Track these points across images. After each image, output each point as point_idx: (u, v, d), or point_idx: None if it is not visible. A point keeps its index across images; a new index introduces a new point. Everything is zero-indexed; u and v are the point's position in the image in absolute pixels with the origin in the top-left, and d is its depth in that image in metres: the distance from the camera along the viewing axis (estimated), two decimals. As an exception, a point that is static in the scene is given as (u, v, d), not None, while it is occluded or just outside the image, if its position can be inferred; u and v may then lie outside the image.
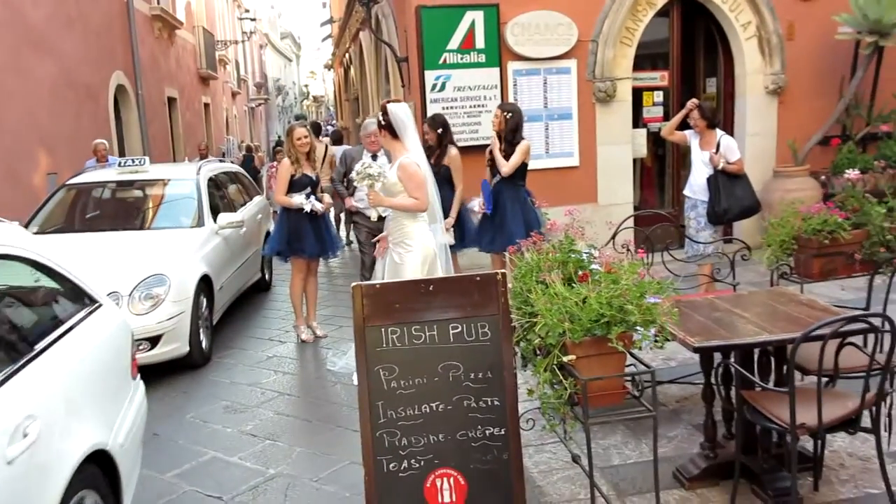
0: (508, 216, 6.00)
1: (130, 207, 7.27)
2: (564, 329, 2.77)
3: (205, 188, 6.95)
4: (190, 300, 5.63)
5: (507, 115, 5.94)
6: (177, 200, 7.02)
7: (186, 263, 5.90)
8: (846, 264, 6.80)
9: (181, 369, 5.65)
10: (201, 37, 19.90)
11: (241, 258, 7.32)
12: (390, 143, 4.71)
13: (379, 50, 11.03)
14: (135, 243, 6.19)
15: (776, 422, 3.00)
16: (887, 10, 8.03)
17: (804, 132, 8.75)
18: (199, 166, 7.43)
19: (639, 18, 8.28)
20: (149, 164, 7.40)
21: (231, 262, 6.98)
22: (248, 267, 7.62)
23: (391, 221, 4.73)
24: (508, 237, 5.86)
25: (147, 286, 5.40)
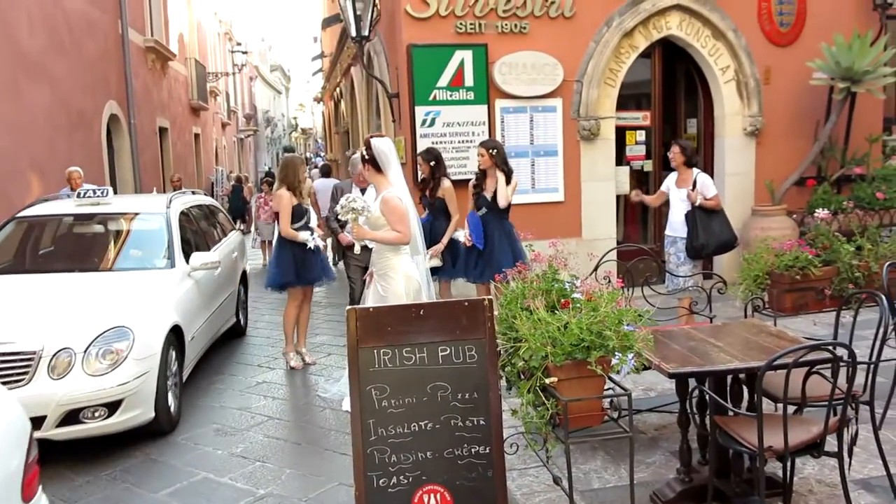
0: (496, 248, 6.20)
1: (90, 245, 6.33)
2: (547, 352, 2.94)
3: (176, 224, 6.21)
4: (157, 356, 4.83)
5: (492, 152, 6.16)
6: (144, 237, 6.29)
7: (154, 313, 5.12)
8: (817, 299, 7.09)
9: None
10: (193, 68, 20.18)
11: (215, 302, 6.57)
12: (374, 177, 4.84)
13: (370, 85, 11.30)
14: (94, 288, 5.37)
15: (745, 445, 3.17)
16: (858, 58, 8.39)
17: (781, 173, 9.06)
18: (170, 199, 6.64)
19: (622, 60, 8.59)
20: (112, 195, 6.59)
21: (205, 308, 6.20)
22: (222, 312, 6.86)
23: (375, 254, 4.86)
24: (497, 268, 6.06)
25: (106, 341, 4.58)
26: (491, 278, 6.11)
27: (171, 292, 5.55)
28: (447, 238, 6.48)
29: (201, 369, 6.31)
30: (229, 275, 7.20)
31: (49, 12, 10.01)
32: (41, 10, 9.72)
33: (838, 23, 9.00)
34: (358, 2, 7.96)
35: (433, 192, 6.47)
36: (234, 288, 7.41)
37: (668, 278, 6.37)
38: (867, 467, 3.95)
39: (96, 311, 4.86)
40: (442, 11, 7.88)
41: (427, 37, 7.87)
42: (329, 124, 22.08)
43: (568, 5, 8.24)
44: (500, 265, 5.98)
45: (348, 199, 4.68)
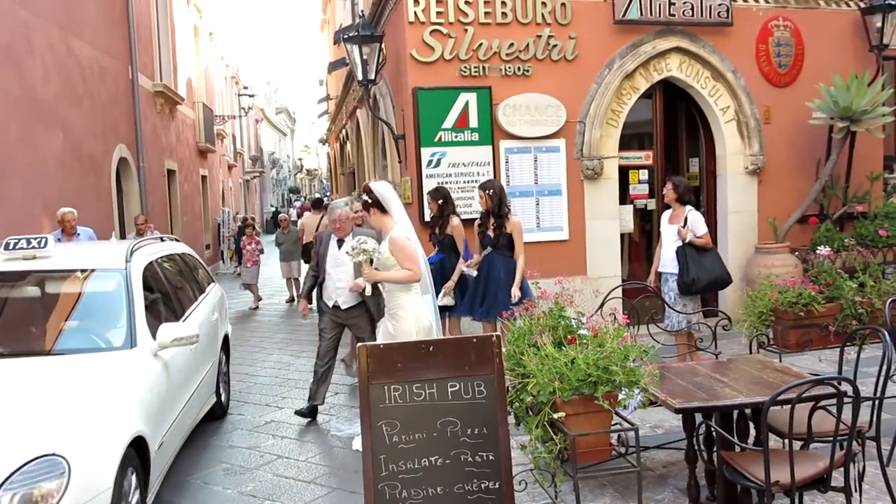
0: (501, 287, 6.26)
1: (18, 317, 4.72)
2: (555, 387, 2.99)
3: (138, 284, 4.65)
4: (107, 494, 3.24)
5: (489, 193, 6.31)
6: (94, 305, 4.70)
7: (104, 424, 3.51)
8: (821, 336, 7.11)
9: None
10: (201, 112, 20.47)
11: (190, 386, 5.03)
12: (380, 220, 4.92)
13: (376, 127, 11.49)
14: (15, 386, 3.76)
15: (752, 480, 3.20)
16: (856, 98, 8.54)
17: (783, 210, 9.15)
18: (131, 249, 4.94)
19: (623, 101, 8.74)
20: (53, 244, 4.80)
21: (177, 399, 4.63)
22: (199, 395, 5.33)
23: (386, 294, 4.90)
24: (502, 306, 6.12)
25: (27, 480, 3.01)
26: (496, 316, 6.19)
27: (131, 385, 3.96)
28: (457, 275, 6.57)
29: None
30: (209, 343, 5.76)
31: (62, 61, 10.24)
32: (55, 58, 9.95)
33: (836, 63, 9.17)
34: (364, 47, 8.16)
35: (442, 230, 6.61)
36: (215, 359, 6.03)
37: (666, 315, 6.41)
38: (878, 503, 3.95)
39: (13, 431, 3.24)
40: (446, 55, 8.06)
41: (432, 80, 8.04)
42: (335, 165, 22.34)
43: (570, 49, 8.42)
44: (505, 304, 6.07)
45: (359, 241, 4.78)
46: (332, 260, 5.93)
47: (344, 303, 5.93)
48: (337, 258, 5.87)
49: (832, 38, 9.48)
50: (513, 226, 6.31)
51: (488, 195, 6.32)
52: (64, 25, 10.31)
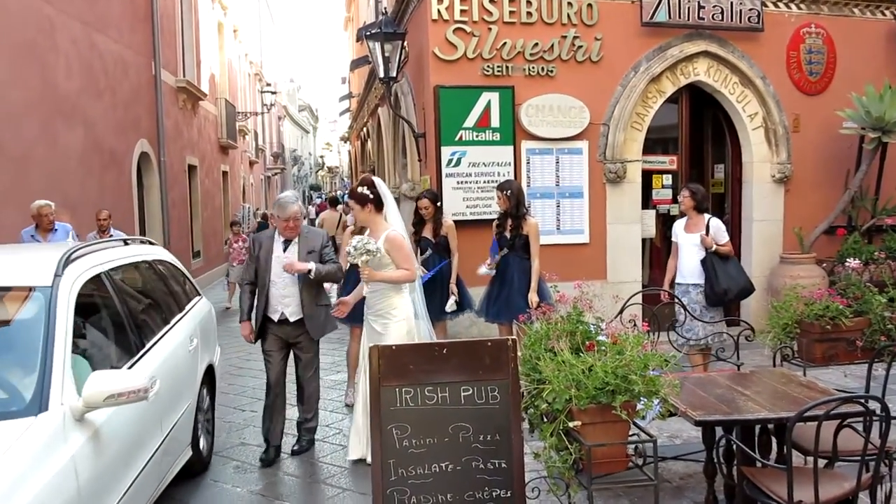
0: (516, 288, 6.17)
1: None
2: (571, 395, 2.89)
3: (67, 309, 3.22)
4: None
5: (507, 194, 6.24)
6: None
7: None
8: (847, 351, 6.88)
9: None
10: (223, 108, 20.54)
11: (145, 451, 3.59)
12: (373, 217, 4.80)
13: (397, 125, 11.42)
14: None
15: (774, 498, 3.08)
16: (889, 108, 8.34)
17: (810, 221, 8.96)
18: (65, 257, 3.50)
19: (649, 105, 8.61)
20: None
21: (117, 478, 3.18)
22: (162, 458, 3.88)
23: (374, 294, 4.78)
24: (514, 309, 5.95)
25: None
26: (508, 319, 6.08)
27: (28, 482, 2.49)
28: (455, 276, 6.52)
29: (220, 402, 6.26)
30: (182, 382, 4.39)
31: (85, 55, 10.27)
32: (78, 53, 9.98)
33: (869, 73, 8.97)
34: (386, 44, 8.08)
35: (437, 231, 6.53)
36: (192, 400, 4.58)
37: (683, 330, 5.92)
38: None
39: None
40: (469, 54, 7.97)
41: (454, 79, 7.96)
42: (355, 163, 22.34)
43: (595, 50, 8.30)
44: (518, 306, 5.94)
45: (361, 241, 4.62)
46: (278, 264, 5.08)
47: (292, 314, 5.11)
48: (284, 262, 5.06)
49: (866, 46, 9.28)
50: (529, 227, 6.23)
51: (506, 196, 6.25)
52: (87, 21, 10.34)
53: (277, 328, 5.14)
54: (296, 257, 5.05)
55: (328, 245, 5.22)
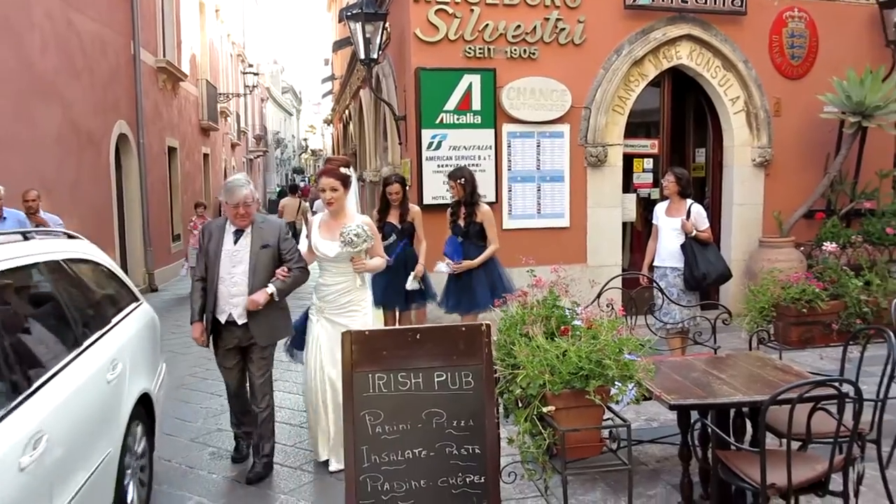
0: (474, 278, 5.99)
1: None
2: (545, 380, 2.88)
3: None
4: None
5: (461, 182, 6.02)
6: None
7: None
8: (823, 333, 6.99)
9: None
10: (204, 89, 20.28)
11: None
12: (344, 202, 4.57)
13: (378, 108, 11.34)
14: None
15: (748, 481, 3.09)
16: (869, 93, 8.36)
17: (790, 204, 9.00)
18: None
19: (631, 88, 8.58)
20: None
21: None
22: None
23: (336, 288, 4.50)
24: (473, 299, 5.93)
25: None
26: (468, 310, 5.96)
27: None
28: (423, 257, 6.27)
29: (198, 388, 6.21)
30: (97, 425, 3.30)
31: (62, 33, 10.08)
32: (55, 30, 9.78)
33: (850, 57, 8.98)
34: (368, 25, 8.00)
35: (403, 216, 6.33)
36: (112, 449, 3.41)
37: (661, 314, 6.00)
38: (874, 510, 3.84)
39: None
40: (451, 36, 7.89)
41: (436, 60, 7.88)
42: (338, 146, 22.19)
43: (578, 33, 8.25)
44: (477, 296, 5.88)
45: (360, 228, 4.36)
46: (228, 258, 4.42)
47: (241, 316, 4.41)
48: (234, 256, 4.42)
49: (848, 31, 9.28)
50: (484, 214, 6.03)
51: (460, 184, 6.02)
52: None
53: (226, 332, 4.49)
54: (247, 251, 4.39)
55: (287, 237, 4.56)
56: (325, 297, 4.53)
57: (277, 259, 4.46)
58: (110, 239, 11.68)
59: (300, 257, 4.53)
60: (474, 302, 5.94)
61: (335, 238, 4.42)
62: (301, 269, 4.51)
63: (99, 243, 4.68)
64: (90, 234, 10.50)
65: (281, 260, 4.46)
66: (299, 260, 4.51)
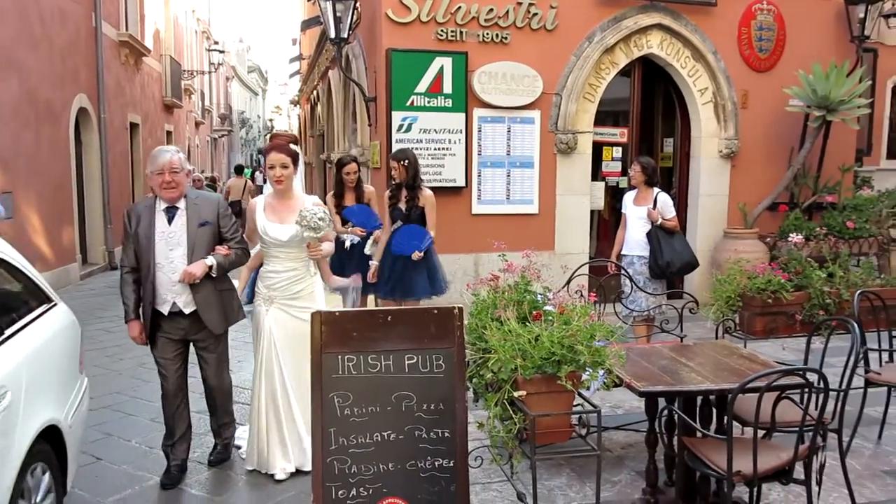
0: (410, 266, 5.78)
1: None
2: (517, 365, 2.85)
3: None
4: None
5: (404, 164, 5.81)
6: None
7: None
8: (787, 324, 7.12)
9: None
10: (168, 65, 19.88)
11: None
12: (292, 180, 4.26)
13: (348, 89, 11.19)
14: None
15: (714, 468, 3.11)
16: (834, 87, 8.48)
17: (754, 196, 9.11)
18: None
19: (602, 76, 8.58)
20: None
21: None
22: None
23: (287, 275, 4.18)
24: (410, 286, 5.77)
25: None
26: (403, 296, 5.76)
27: None
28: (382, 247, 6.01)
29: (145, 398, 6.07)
30: None
31: (20, 1, 9.77)
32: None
33: (816, 52, 9.09)
34: (338, 3, 7.85)
35: (360, 197, 6.29)
36: None
37: (628, 302, 6.03)
38: (832, 496, 3.91)
39: None
40: (423, 17, 7.80)
41: (407, 42, 7.79)
42: (305, 127, 21.92)
43: (550, 18, 8.22)
44: (414, 285, 5.75)
45: (322, 211, 4.06)
46: (164, 241, 3.95)
47: (187, 304, 3.99)
48: (171, 238, 3.95)
49: (814, 26, 9.39)
50: (426, 199, 5.81)
51: (403, 166, 5.78)
52: (22, -36, 9.82)
53: (170, 324, 4.02)
54: (183, 232, 3.94)
55: (227, 213, 4.14)
56: (275, 285, 4.17)
57: (218, 238, 4.06)
58: (69, 215, 11.41)
59: (242, 237, 4.19)
60: (411, 289, 5.79)
61: (285, 221, 4.12)
62: (243, 249, 4.16)
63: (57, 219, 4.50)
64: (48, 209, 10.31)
65: (221, 239, 4.08)
66: (242, 240, 4.17)
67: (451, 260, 6.16)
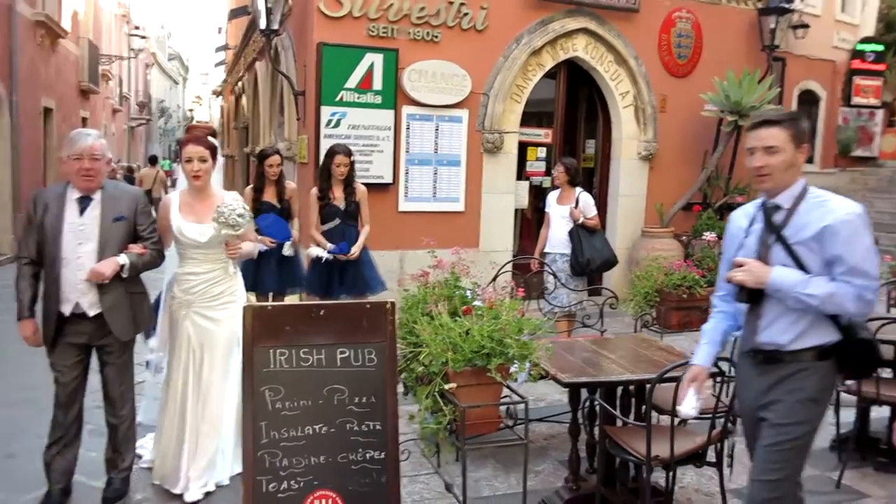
0: (361, 260, 5.78)
1: None
2: (447, 358, 2.94)
3: None
4: None
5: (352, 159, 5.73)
6: None
7: None
8: (701, 318, 7.40)
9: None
10: (86, 49, 19.17)
11: None
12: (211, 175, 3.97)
13: (275, 81, 11.06)
14: None
15: (633, 454, 3.28)
16: (746, 94, 8.92)
17: (670, 197, 9.48)
18: None
19: (528, 77, 8.76)
20: None
21: None
22: None
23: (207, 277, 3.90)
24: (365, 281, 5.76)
25: None
26: (361, 292, 5.73)
27: None
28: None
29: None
30: None
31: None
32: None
33: (730, 60, 9.53)
34: (270, -6, 7.76)
35: (282, 194, 6.11)
36: None
37: (551, 298, 6.19)
38: (741, 477, 4.14)
39: None
40: (355, 12, 7.79)
41: (338, 36, 7.77)
42: (228, 119, 21.47)
43: (480, 19, 8.34)
44: (367, 279, 5.75)
45: (241, 207, 3.80)
46: (73, 234, 3.57)
47: (92, 306, 3.59)
48: (81, 231, 3.57)
49: (729, 34, 9.83)
50: (362, 194, 5.81)
51: (351, 161, 5.71)
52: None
53: (71, 326, 3.60)
54: (95, 225, 3.56)
55: (146, 210, 3.80)
56: (192, 289, 3.87)
57: (132, 235, 3.68)
58: (-24, 204, 10.90)
59: (158, 238, 3.81)
60: (366, 284, 5.82)
61: (203, 220, 3.82)
62: (158, 251, 3.80)
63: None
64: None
65: (136, 237, 3.70)
66: (158, 241, 3.80)
67: (377, 256, 6.18)
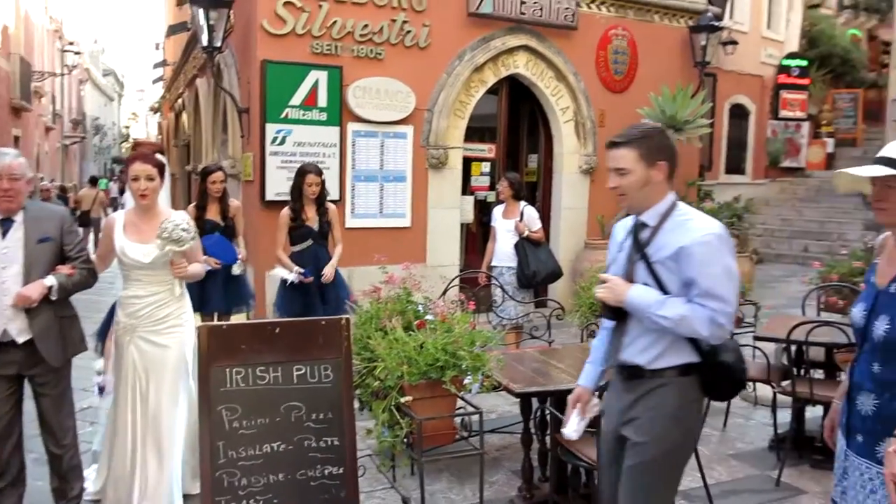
0: (338, 279, 5.78)
1: None
2: (403, 372, 2.99)
3: None
4: None
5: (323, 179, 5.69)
6: None
7: None
8: (644, 326, 7.63)
9: None
10: (17, 65, 18.65)
11: None
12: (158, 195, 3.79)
13: (218, 98, 10.97)
14: None
15: (585, 460, 3.38)
16: (680, 108, 9.25)
17: (611, 209, 9.69)
18: None
19: (471, 94, 8.91)
20: None
21: None
22: None
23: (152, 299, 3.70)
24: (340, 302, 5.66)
25: None
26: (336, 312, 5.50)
27: None
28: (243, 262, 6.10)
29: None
30: None
31: None
32: None
33: (665, 75, 9.86)
34: (212, 11, 7.73)
35: (226, 213, 6.08)
36: None
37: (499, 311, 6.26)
38: (686, 479, 4.27)
39: None
40: (299, 30, 7.82)
41: (282, 54, 7.78)
42: (168, 136, 21.13)
43: (423, 36, 8.45)
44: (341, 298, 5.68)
45: (185, 222, 3.64)
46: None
47: (21, 333, 3.41)
48: (4, 255, 3.41)
49: (663, 51, 10.17)
50: (333, 213, 5.78)
51: (322, 181, 5.65)
52: None
53: (1, 357, 3.42)
54: (18, 248, 3.41)
55: (73, 229, 3.68)
56: (136, 312, 3.68)
57: (59, 257, 3.54)
58: None
59: (88, 257, 3.66)
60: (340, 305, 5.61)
61: (147, 240, 3.64)
62: (89, 270, 3.62)
63: None
64: None
65: (63, 258, 3.55)
66: (88, 259, 3.64)
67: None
